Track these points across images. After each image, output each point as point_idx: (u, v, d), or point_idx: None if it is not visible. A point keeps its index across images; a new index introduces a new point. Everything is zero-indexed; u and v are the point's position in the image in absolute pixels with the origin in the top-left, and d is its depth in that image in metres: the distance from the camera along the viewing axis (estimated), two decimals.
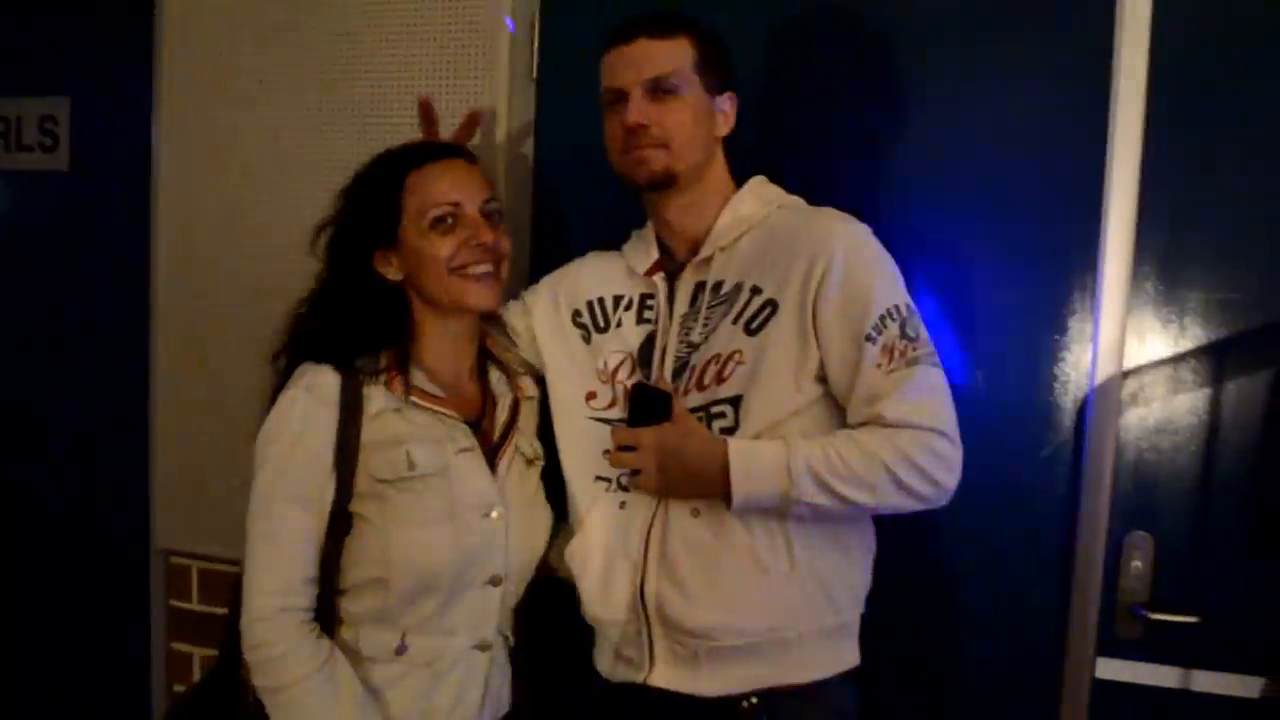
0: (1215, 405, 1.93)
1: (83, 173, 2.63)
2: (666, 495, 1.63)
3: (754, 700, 1.62)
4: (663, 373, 1.68)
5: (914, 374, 1.57)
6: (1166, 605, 1.93)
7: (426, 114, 1.96)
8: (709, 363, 1.64)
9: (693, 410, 1.64)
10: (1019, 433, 1.98)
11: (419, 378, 1.66)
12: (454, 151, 1.74)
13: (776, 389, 1.61)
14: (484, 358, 1.78)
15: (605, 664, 1.75)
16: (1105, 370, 1.94)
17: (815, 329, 1.59)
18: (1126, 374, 1.95)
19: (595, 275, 1.83)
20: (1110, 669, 1.96)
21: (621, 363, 1.73)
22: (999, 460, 1.96)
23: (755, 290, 1.64)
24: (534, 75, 2.20)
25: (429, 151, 1.71)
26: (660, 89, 1.65)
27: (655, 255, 1.77)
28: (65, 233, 2.67)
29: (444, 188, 1.64)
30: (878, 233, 1.66)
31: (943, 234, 1.98)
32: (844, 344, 1.58)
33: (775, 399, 1.60)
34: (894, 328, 1.58)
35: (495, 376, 1.78)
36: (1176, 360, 1.94)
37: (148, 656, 2.54)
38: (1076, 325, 1.96)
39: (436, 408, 1.65)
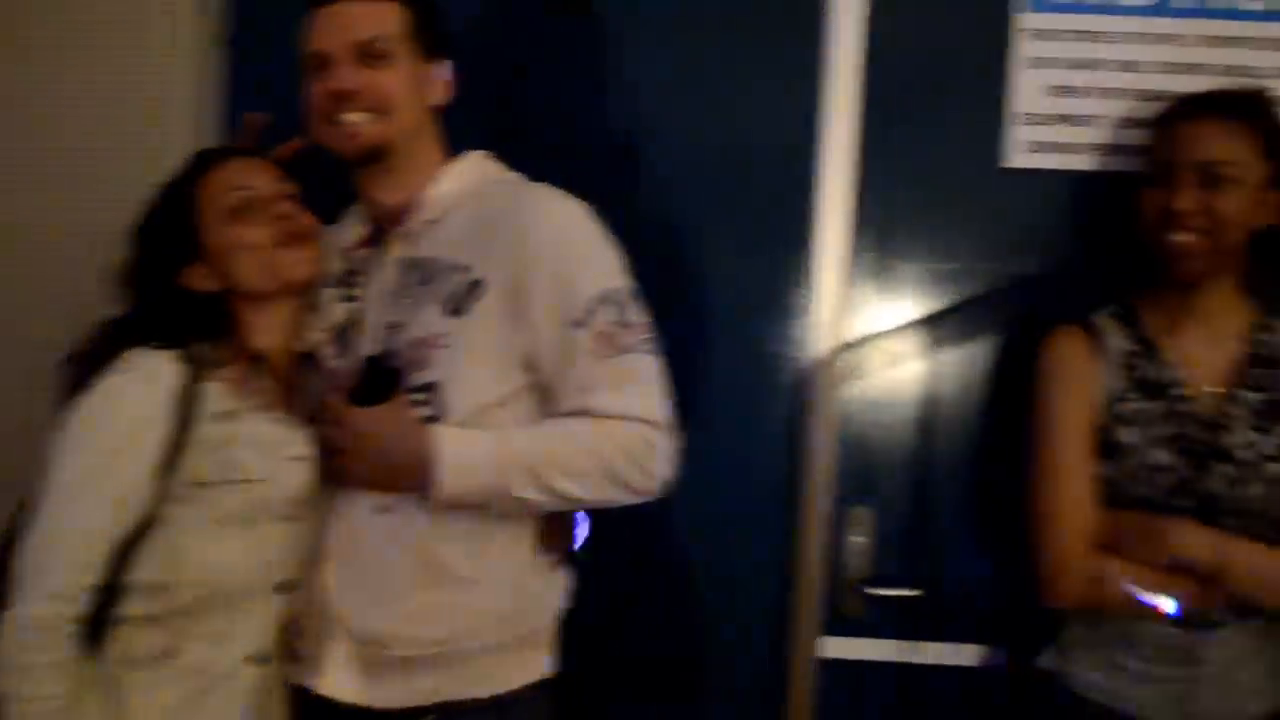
0: (933, 376, 1.92)
1: None
2: (360, 485, 1.50)
3: (431, 716, 1.51)
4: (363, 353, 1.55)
5: (628, 362, 1.47)
6: (888, 580, 1.91)
7: (251, 128, 1.83)
8: (411, 345, 1.51)
9: None
10: (738, 412, 1.93)
11: (251, 375, 1.56)
12: (239, 152, 1.65)
13: (480, 375, 1.49)
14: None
15: (290, 667, 1.60)
16: (824, 344, 1.91)
17: (525, 312, 1.48)
18: (846, 347, 1.91)
19: None
20: (835, 647, 1.94)
21: (327, 346, 1.60)
22: (719, 442, 1.91)
23: (463, 269, 1.50)
24: (225, 37, 2.00)
25: (211, 157, 1.60)
26: (369, 54, 1.52)
27: (362, 230, 1.64)
28: None
29: (233, 178, 1.57)
30: (597, 214, 1.56)
31: (660, 214, 1.91)
32: (555, 329, 1.47)
33: (479, 385, 1.49)
34: (608, 313, 1.47)
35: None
36: (895, 332, 1.92)
37: None
38: (795, 300, 1.92)
39: (263, 407, 1.54)
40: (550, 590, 1.60)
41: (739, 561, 1.94)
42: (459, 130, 1.65)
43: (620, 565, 1.87)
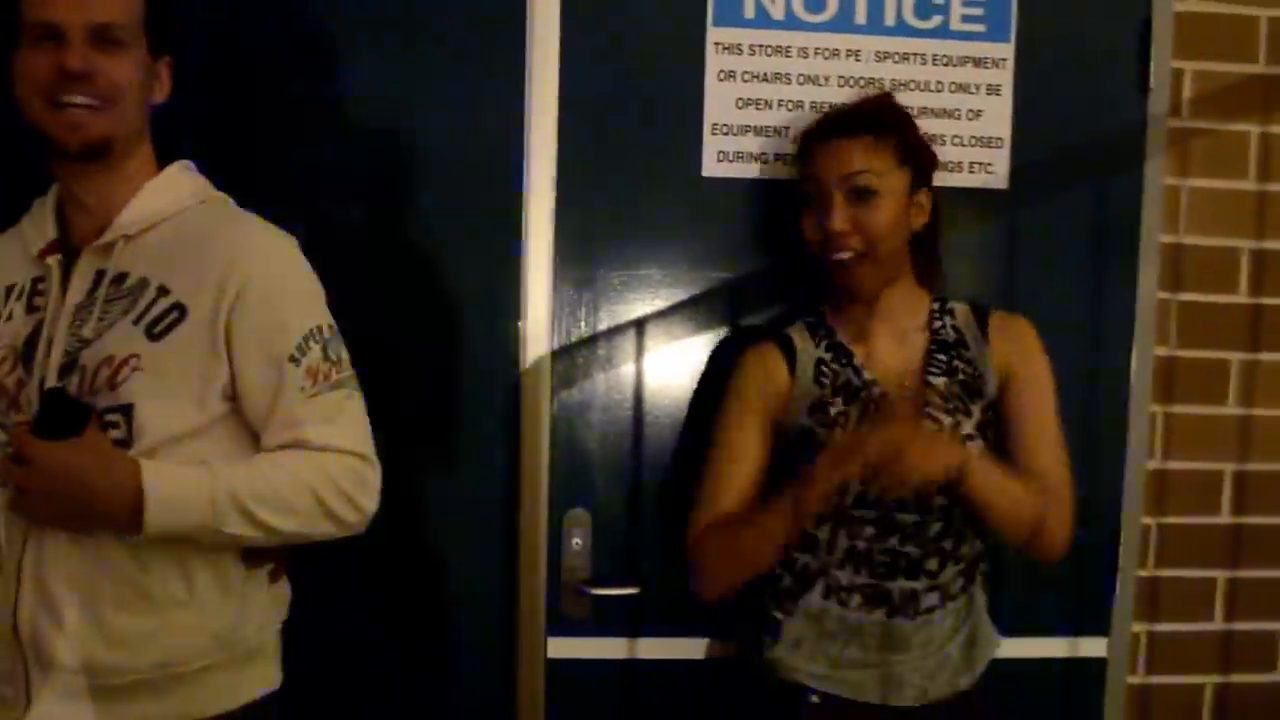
0: (639, 380, 1.98)
1: None
2: (52, 523, 1.45)
3: None
4: (48, 370, 1.47)
5: (336, 398, 1.50)
6: (607, 580, 1.96)
7: None
8: (101, 364, 1.46)
9: None
10: (453, 421, 1.96)
11: None
12: None
13: (177, 403, 1.46)
14: None
15: None
16: (534, 352, 1.95)
17: (228, 344, 1.46)
18: (555, 354, 1.96)
19: None
20: (561, 647, 1.98)
21: (3, 359, 1.52)
22: (437, 453, 1.94)
23: (162, 290, 1.47)
24: None
25: None
26: (105, 38, 1.44)
27: (52, 234, 1.55)
28: None
29: None
30: (293, 230, 1.56)
31: (369, 225, 1.93)
32: (262, 365, 1.46)
33: (175, 414, 1.46)
34: (316, 350, 1.49)
35: None
36: (602, 337, 1.98)
37: None
38: (503, 309, 1.95)
39: None
40: (268, 604, 1.59)
41: (463, 568, 1.96)
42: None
43: (346, 575, 1.86)
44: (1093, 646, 2.07)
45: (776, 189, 1.96)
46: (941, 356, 1.75)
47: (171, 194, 1.55)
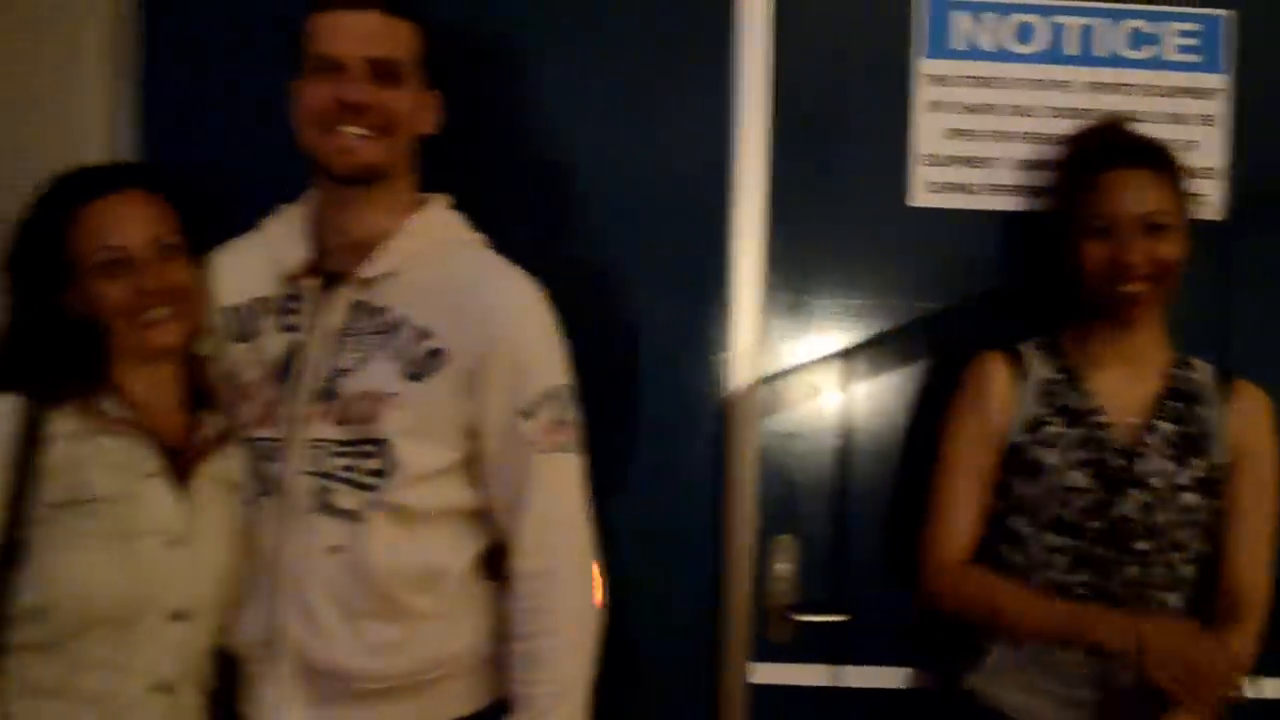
0: (850, 407, 1.99)
1: None
2: None
3: None
4: (303, 393, 1.56)
5: (562, 462, 1.58)
6: (814, 606, 1.97)
7: None
8: (360, 397, 1.53)
9: (329, 444, 1.54)
10: (661, 446, 1.98)
11: (111, 404, 1.54)
12: (125, 179, 1.57)
13: (431, 442, 1.54)
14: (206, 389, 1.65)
15: (245, 702, 1.63)
16: (742, 379, 1.97)
17: (478, 389, 1.54)
18: (764, 381, 1.98)
19: (233, 275, 1.65)
20: (764, 673, 1.98)
21: (261, 377, 1.60)
22: (645, 476, 1.97)
23: (423, 333, 1.54)
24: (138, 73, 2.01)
25: (95, 185, 1.55)
26: (383, 72, 1.52)
27: (309, 254, 1.61)
28: None
29: (108, 229, 1.51)
30: (501, 250, 1.63)
31: (568, 248, 1.97)
32: (503, 413, 1.54)
33: (429, 452, 1.54)
34: (552, 409, 1.56)
35: (210, 407, 1.64)
36: (811, 365, 1.99)
37: None
38: (711, 336, 1.98)
39: (121, 431, 1.53)
40: (500, 617, 1.64)
41: (668, 591, 1.98)
42: None
43: None
44: None
45: (986, 219, 1.97)
46: (1174, 404, 1.75)
47: (435, 234, 1.62)
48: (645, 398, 1.98)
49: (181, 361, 1.62)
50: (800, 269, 1.98)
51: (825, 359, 1.98)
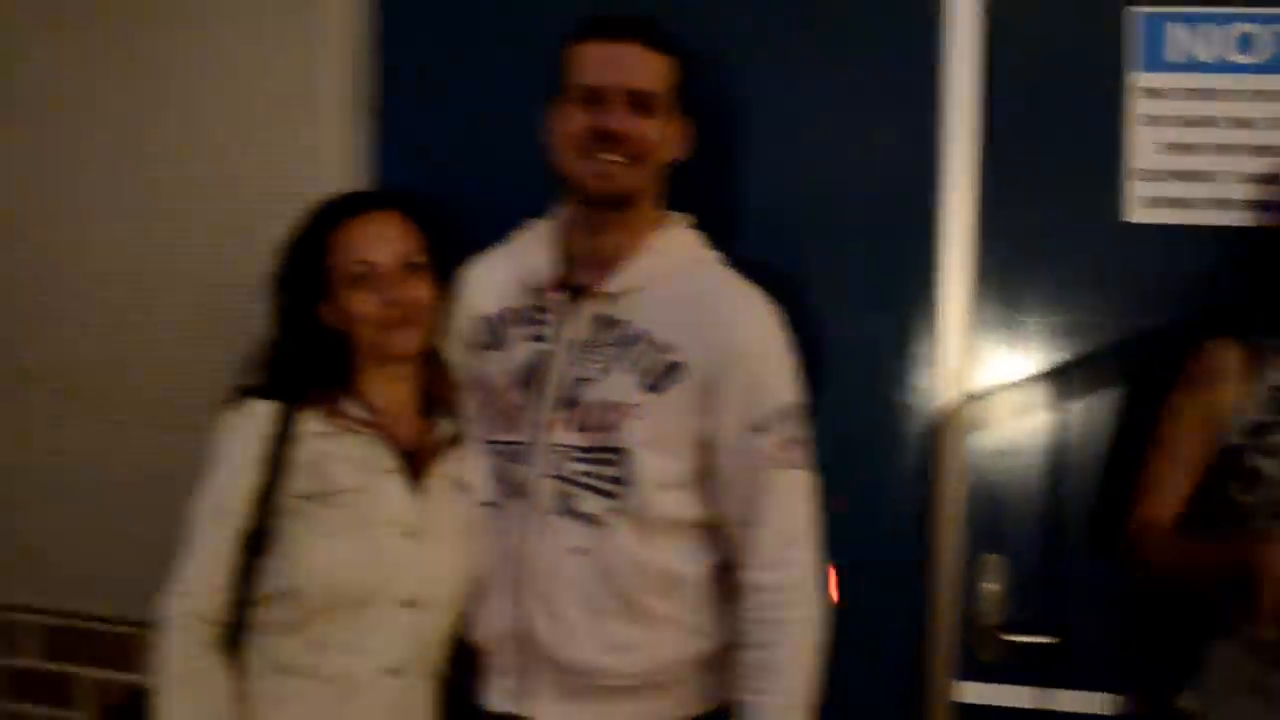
0: (1060, 425, 1.96)
1: None
2: None
3: None
4: (547, 400, 1.65)
5: (794, 479, 1.63)
6: (1022, 627, 1.94)
7: None
8: (600, 406, 1.61)
9: (571, 450, 1.62)
10: (867, 462, 1.99)
11: (353, 406, 1.69)
12: (380, 204, 1.73)
13: (668, 454, 1.61)
14: (438, 396, 1.77)
15: (486, 692, 1.72)
16: (950, 395, 1.96)
17: (713, 403, 1.60)
18: (971, 398, 1.96)
19: (485, 287, 1.76)
20: (970, 692, 1.96)
21: (508, 383, 1.69)
22: (849, 491, 1.95)
23: (663, 346, 1.61)
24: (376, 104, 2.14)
25: (353, 207, 1.71)
26: (641, 103, 1.61)
27: (556, 270, 1.70)
28: None
29: (361, 246, 1.66)
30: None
31: (776, 262, 1.97)
32: (738, 429, 1.60)
33: (666, 463, 1.61)
34: (785, 426, 1.62)
35: (444, 413, 1.77)
36: (1020, 383, 1.97)
37: None
38: (918, 351, 1.98)
39: (363, 430, 1.67)
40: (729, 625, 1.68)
41: (873, 608, 1.98)
42: None
43: None
44: None
45: (1206, 234, 1.91)
46: None
47: (675, 253, 1.69)
48: (851, 413, 1.98)
49: (417, 370, 1.75)
50: (1010, 284, 1.96)
51: (1035, 376, 1.96)
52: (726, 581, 1.67)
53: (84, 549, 2.24)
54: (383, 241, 1.68)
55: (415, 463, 1.70)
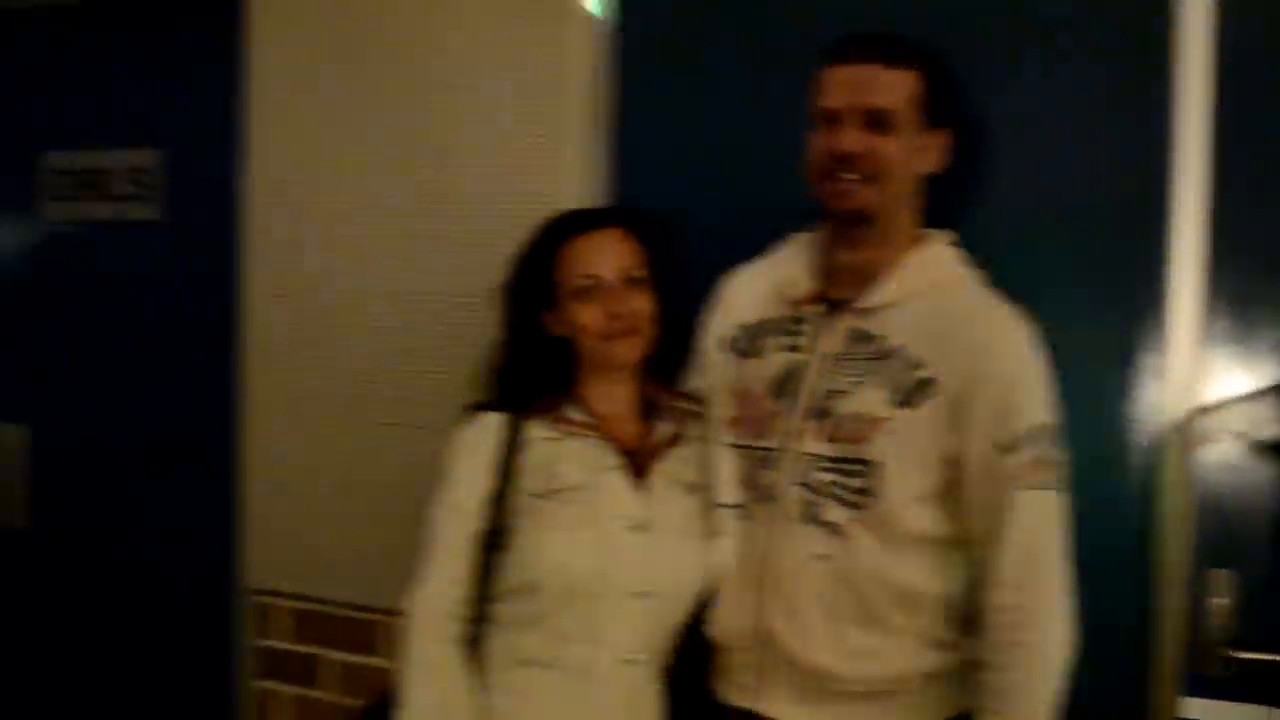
0: None
1: (174, 223, 2.75)
2: None
3: None
4: (799, 408, 1.70)
5: (1043, 501, 1.63)
6: (1251, 644, 1.91)
7: None
8: (851, 418, 1.65)
9: (819, 459, 1.66)
10: (1094, 474, 1.95)
11: (576, 411, 1.79)
12: (606, 220, 1.82)
13: (916, 468, 1.64)
14: (655, 402, 1.86)
15: (723, 687, 1.79)
16: (1180, 407, 1.94)
17: (962, 419, 1.62)
18: (1201, 410, 1.94)
19: (746, 296, 1.84)
20: (1195, 709, 1.94)
21: (762, 391, 1.75)
22: (1076, 504, 1.93)
23: (916, 363, 1.64)
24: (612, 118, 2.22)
25: (580, 223, 1.80)
26: (876, 120, 1.64)
27: (811, 284, 1.75)
28: (156, 280, 2.79)
29: (587, 260, 1.75)
30: None
31: (1003, 271, 1.95)
32: (985, 445, 1.62)
33: (914, 478, 1.64)
34: (1035, 447, 1.62)
35: (661, 417, 1.84)
36: (1251, 395, 1.93)
37: (232, 695, 2.61)
38: (1148, 362, 1.96)
39: (588, 434, 1.77)
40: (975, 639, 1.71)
41: (1096, 623, 1.95)
42: None
43: None
44: None
45: None
46: None
47: (932, 269, 1.71)
48: (1078, 425, 1.94)
49: (636, 376, 1.83)
50: (1242, 295, 1.92)
51: (1268, 389, 1.92)
52: (969, 598, 1.69)
53: (337, 541, 2.40)
54: (607, 256, 1.76)
55: (636, 461, 1.79)
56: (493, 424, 1.78)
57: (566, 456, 1.76)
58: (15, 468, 2.95)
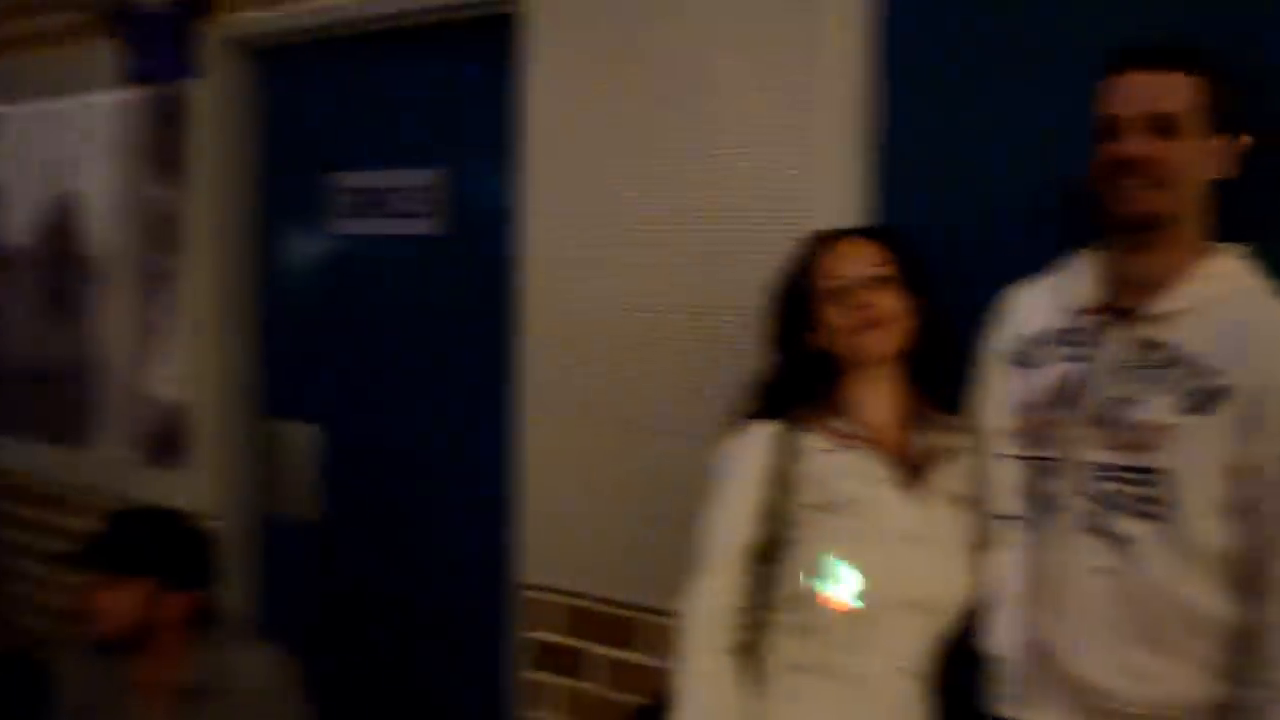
0: None
1: (453, 237, 2.92)
2: None
3: None
4: (1082, 417, 1.67)
5: None
6: None
7: None
8: (1137, 427, 1.62)
9: (1104, 468, 1.63)
10: None
11: (845, 423, 1.82)
12: (856, 233, 1.90)
13: (1209, 477, 1.58)
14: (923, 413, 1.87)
15: (996, 698, 1.77)
16: None
17: (1255, 424, 1.55)
18: None
19: (1028, 309, 1.82)
20: None
21: (1044, 401, 1.73)
22: None
23: (1207, 371, 1.59)
24: (878, 140, 2.19)
25: (831, 236, 1.88)
26: (1158, 125, 1.62)
27: (1096, 294, 1.73)
28: (436, 291, 2.97)
29: (835, 265, 1.83)
30: None
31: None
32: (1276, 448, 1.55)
33: (1207, 485, 1.58)
34: None
35: (929, 430, 1.86)
36: None
37: (504, 684, 2.75)
38: None
39: (857, 445, 1.80)
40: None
41: None
42: None
43: None
44: None
45: None
46: None
47: (1223, 279, 1.65)
48: None
49: (900, 384, 1.85)
50: None
51: None
52: (1258, 623, 1.59)
53: (606, 540, 2.49)
54: (853, 259, 1.83)
55: (908, 472, 1.80)
56: (765, 434, 1.84)
57: (841, 468, 1.79)
58: (309, 464, 3.20)
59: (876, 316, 1.79)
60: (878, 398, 1.84)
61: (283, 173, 3.28)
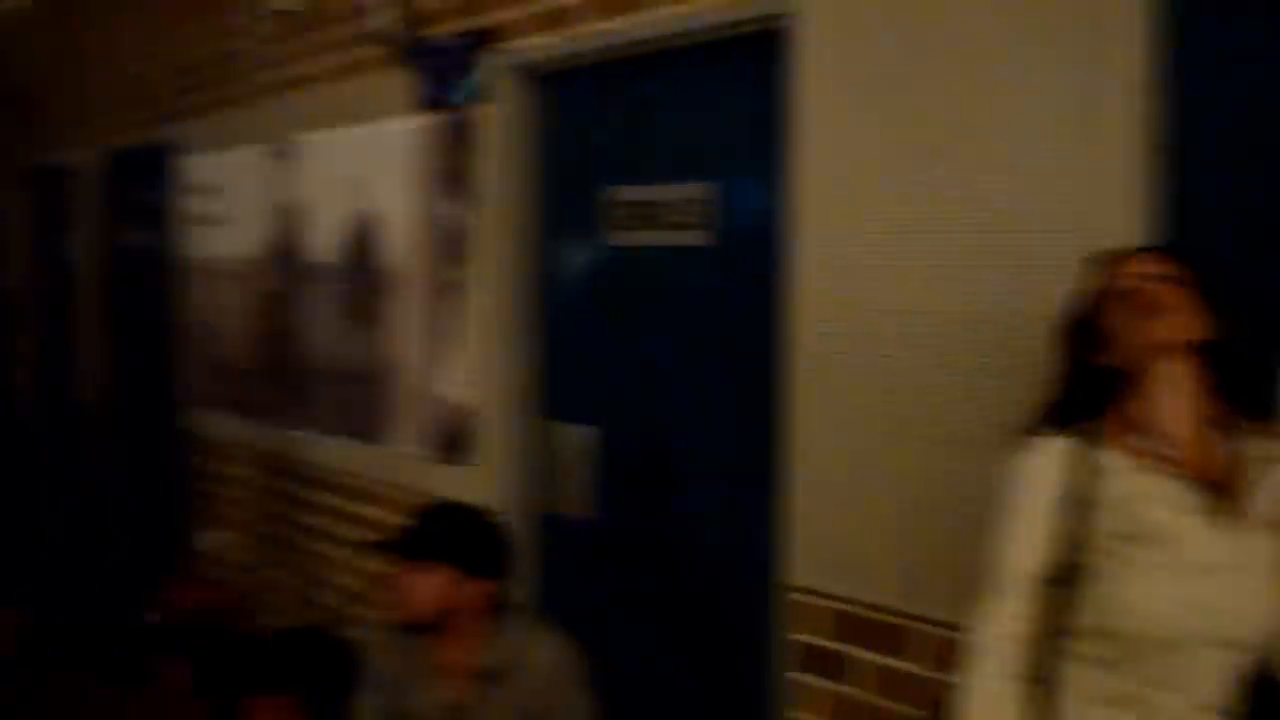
0: None
1: (724, 247, 3.01)
2: None
3: None
4: None
5: None
6: None
7: None
8: None
9: None
10: None
11: (1149, 441, 1.74)
12: (1145, 249, 1.87)
13: None
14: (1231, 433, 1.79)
15: None
16: None
17: None
18: None
19: None
20: None
21: None
22: None
23: None
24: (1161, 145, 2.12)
25: (1120, 254, 1.84)
26: None
27: None
28: (708, 299, 3.07)
29: (1124, 269, 1.79)
30: None
31: None
32: None
33: None
34: None
35: (1238, 440, 1.77)
36: None
37: (768, 684, 2.81)
38: None
39: (1163, 466, 1.72)
40: None
41: None
42: None
43: None
44: None
45: None
46: None
47: None
48: None
49: (1199, 398, 1.74)
50: None
51: None
52: None
53: (876, 546, 2.51)
54: (1139, 262, 1.78)
55: (1219, 495, 1.70)
56: (1058, 450, 1.78)
57: (1145, 494, 1.71)
58: (585, 464, 3.38)
59: (1163, 304, 1.71)
60: (1176, 408, 1.74)
61: (562, 189, 3.48)
